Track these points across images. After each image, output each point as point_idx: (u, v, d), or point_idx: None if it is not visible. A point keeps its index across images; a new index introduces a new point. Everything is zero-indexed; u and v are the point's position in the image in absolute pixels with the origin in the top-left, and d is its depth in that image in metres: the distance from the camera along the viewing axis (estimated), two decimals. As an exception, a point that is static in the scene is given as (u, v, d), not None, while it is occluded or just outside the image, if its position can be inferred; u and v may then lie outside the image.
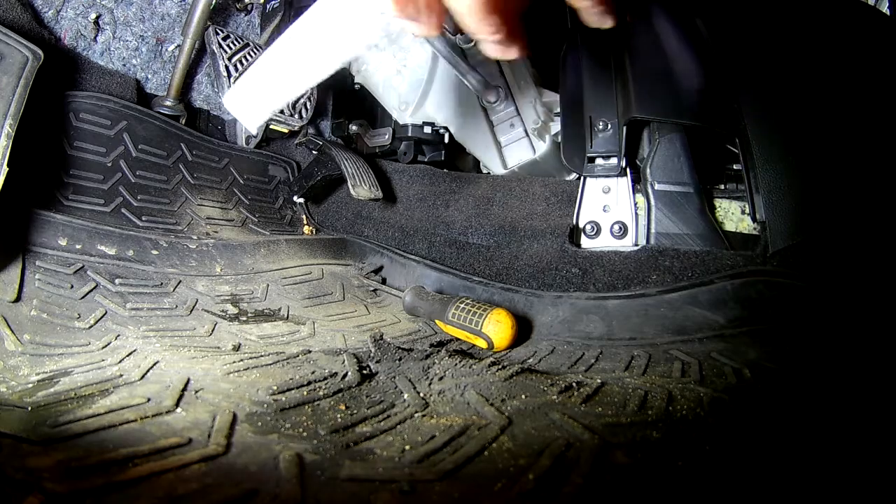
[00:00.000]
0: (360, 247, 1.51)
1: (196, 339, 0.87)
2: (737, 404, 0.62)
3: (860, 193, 0.94)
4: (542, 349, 0.94)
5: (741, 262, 0.96)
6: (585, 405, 0.63)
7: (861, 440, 0.52)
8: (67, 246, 1.00)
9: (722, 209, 1.11)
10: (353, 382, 0.72)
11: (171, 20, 1.48)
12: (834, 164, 0.96)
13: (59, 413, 0.53)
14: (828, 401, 0.63)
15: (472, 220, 1.35)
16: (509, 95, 1.47)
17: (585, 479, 0.45)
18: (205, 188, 1.45)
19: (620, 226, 1.13)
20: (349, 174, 1.36)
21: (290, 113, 1.43)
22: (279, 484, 0.43)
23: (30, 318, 0.80)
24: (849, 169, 0.95)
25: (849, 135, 0.96)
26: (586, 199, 1.19)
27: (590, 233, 1.16)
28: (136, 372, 0.66)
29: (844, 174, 0.95)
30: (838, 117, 0.97)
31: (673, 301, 0.97)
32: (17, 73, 0.90)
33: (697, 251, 1.01)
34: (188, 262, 1.16)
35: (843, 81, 0.99)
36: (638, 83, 1.10)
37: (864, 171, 0.94)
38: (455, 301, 0.99)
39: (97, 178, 1.21)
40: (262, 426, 0.56)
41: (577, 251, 1.13)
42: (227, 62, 1.31)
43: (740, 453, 0.50)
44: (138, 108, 1.34)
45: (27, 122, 0.91)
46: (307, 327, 1.01)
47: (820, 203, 0.95)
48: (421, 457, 0.50)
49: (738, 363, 0.77)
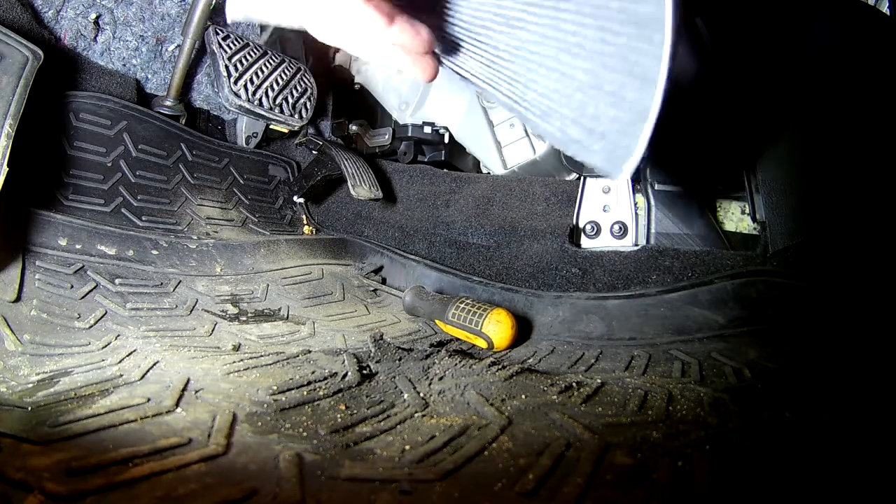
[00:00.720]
0: (360, 247, 1.51)
1: (196, 339, 0.87)
2: (737, 404, 0.62)
3: (860, 193, 0.93)
4: (542, 349, 0.94)
5: (741, 262, 0.96)
6: (585, 405, 0.63)
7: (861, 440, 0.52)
8: (67, 246, 1.00)
9: (722, 209, 1.11)
10: (353, 382, 0.72)
11: (171, 20, 1.48)
12: (834, 165, 0.96)
13: (59, 413, 0.53)
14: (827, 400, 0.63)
15: (472, 220, 1.35)
16: (509, 95, 1.47)
17: (585, 479, 0.45)
18: (205, 188, 1.45)
19: (620, 226, 1.13)
20: (349, 174, 1.36)
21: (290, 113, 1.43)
22: (279, 484, 0.43)
23: (30, 318, 0.80)
24: (849, 169, 0.95)
25: (849, 135, 0.96)
26: (586, 199, 1.19)
27: (590, 233, 1.16)
28: (136, 372, 0.66)
29: (844, 174, 0.95)
30: (838, 117, 0.97)
31: (673, 301, 0.97)
32: (17, 73, 0.90)
33: (697, 251, 1.01)
34: (188, 262, 1.16)
35: (842, 81, 0.99)
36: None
37: (864, 171, 0.94)
38: (455, 301, 0.99)
39: (97, 178, 1.21)
40: (262, 426, 0.56)
41: (577, 251, 1.13)
42: (227, 62, 1.31)
43: (740, 453, 0.50)
44: (138, 108, 1.34)
45: (27, 122, 0.91)
46: (307, 327, 1.01)
47: (820, 203, 0.95)
48: (421, 457, 0.50)
49: (738, 363, 0.77)
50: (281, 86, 1.41)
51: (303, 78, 1.50)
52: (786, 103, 1.01)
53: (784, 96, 1.01)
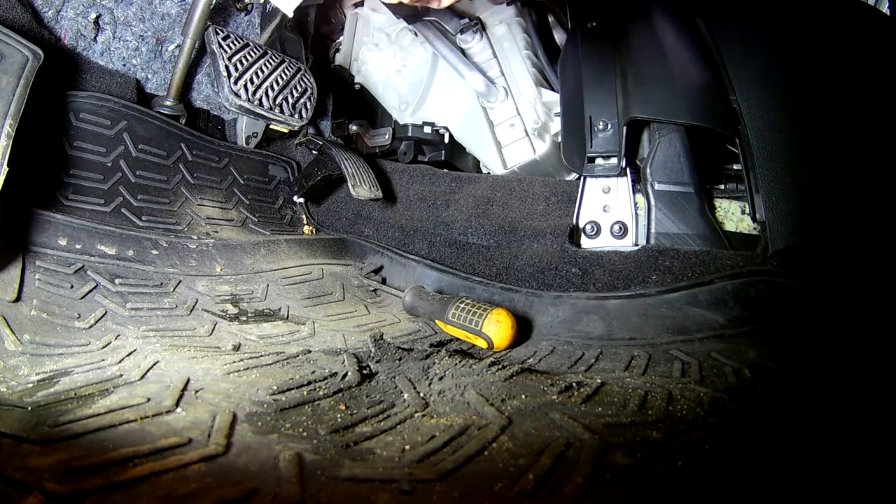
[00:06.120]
0: (360, 247, 1.51)
1: (196, 339, 0.87)
2: (737, 404, 0.62)
3: (860, 193, 0.93)
4: (542, 349, 0.94)
5: (741, 262, 0.96)
6: (585, 405, 0.63)
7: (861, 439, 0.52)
8: (67, 246, 1.00)
9: (722, 209, 1.11)
10: (353, 382, 0.72)
11: (171, 20, 1.48)
12: (834, 165, 0.96)
13: (59, 413, 0.53)
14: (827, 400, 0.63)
15: (472, 220, 1.35)
16: (509, 95, 1.47)
17: (585, 479, 0.45)
18: (205, 188, 1.45)
19: (620, 226, 1.13)
20: (349, 174, 1.36)
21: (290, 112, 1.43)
22: (279, 483, 0.43)
23: (30, 318, 0.80)
24: (849, 169, 0.95)
25: (849, 135, 0.96)
26: (586, 199, 1.19)
27: (590, 233, 1.16)
28: (136, 372, 0.66)
29: (844, 174, 0.95)
30: (838, 117, 0.97)
31: (673, 301, 0.97)
32: (17, 73, 0.90)
33: (697, 251, 1.01)
34: (188, 262, 1.16)
35: (843, 81, 0.99)
36: (638, 83, 1.10)
37: (864, 171, 0.94)
38: (455, 301, 0.99)
39: (97, 178, 1.20)
40: (262, 426, 0.56)
41: (577, 251, 1.13)
42: (227, 62, 1.31)
43: (740, 453, 0.50)
44: (138, 108, 1.34)
45: (27, 122, 0.91)
46: (307, 327, 1.01)
47: (820, 203, 0.95)
48: (421, 457, 0.50)
49: (738, 363, 0.77)
50: (281, 86, 1.41)
51: (303, 78, 1.50)
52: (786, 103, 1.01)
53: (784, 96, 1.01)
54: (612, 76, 1.15)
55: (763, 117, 0.99)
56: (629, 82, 1.10)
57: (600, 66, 1.17)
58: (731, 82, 1.03)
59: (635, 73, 1.11)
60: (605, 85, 1.15)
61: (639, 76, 1.10)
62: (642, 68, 1.11)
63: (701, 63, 1.07)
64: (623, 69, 1.13)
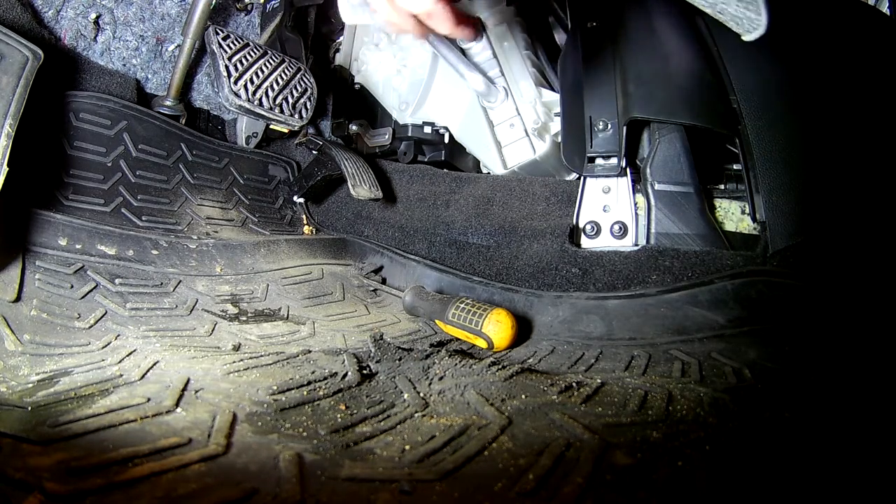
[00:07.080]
0: (360, 247, 1.51)
1: (196, 339, 0.87)
2: (737, 404, 0.62)
3: (860, 193, 0.93)
4: (542, 349, 0.94)
5: (741, 262, 0.96)
6: (585, 405, 0.63)
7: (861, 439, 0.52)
8: (67, 246, 1.00)
9: (722, 209, 1.11)
10: (353, 382, 0.72)
11: (171, 20, 1.48)
12: (834, 165, 0.96)
13: (59, 413, 0.53)
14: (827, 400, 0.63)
15: (472, 220, 1.34)
16: (509, 95, 1.47)
17: (585, 479, 0.45)
18: (205, 188, 1.45)
19: (620, 226, 1.13)
20: (349, 174, 1.36)
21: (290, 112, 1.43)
22: (279, 484, 0.43)
23: (30, 318, 0.80)
24: (849, 169, 0.95)
25: (849, 135, 0.96)
26: (586, 199, 1.19)
27: (590, 233, 1.16)
28: (136, 372, 0.66)
29: (844, 174, 0.95)
30: (838, 117, 0.97)
31: (673, 301, 0.97)
32: (17, 73, 0.90)
33: (697, 251, 1.01)
34: (188, 262, 1.16)
35: (843, 81, 0.99)
36: (638, 83, 1.10)
37: (864, 171, 0.94)
38: (455, 301, 0.99)
39: (97, 178, 1.21)
40: (262, 426, 0.56)
41: (577, 251, 1.13)
42: (227, 62, 1.31)
43: (740, 453, 0.50)
44: (138, 108, 1.34)
45: (27, 122, 0.91)
46: (307, 327, 1.01)
47: (820, 203, 0.95)
48: (421, 457, 0.50)
49: (738, 363, 0.77)
50: (281, 86, 1.41)
51: (303, 78, 1.50)
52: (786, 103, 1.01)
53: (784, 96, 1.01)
54: (612, 76, 1.15)
55: (763, 117, 0.99)
56: (629, 82, 1.10)
57: (600, 66, 1.17)
58: (731, 82, 1.03)
59: (635, 73, 1.11)
60: (604, 85, 1.15)
61: (639, 76, 1.10)
62: (642, 68, 1.11)
63: (701, 63, 1.07)
64: (623, 69, 1.13)
